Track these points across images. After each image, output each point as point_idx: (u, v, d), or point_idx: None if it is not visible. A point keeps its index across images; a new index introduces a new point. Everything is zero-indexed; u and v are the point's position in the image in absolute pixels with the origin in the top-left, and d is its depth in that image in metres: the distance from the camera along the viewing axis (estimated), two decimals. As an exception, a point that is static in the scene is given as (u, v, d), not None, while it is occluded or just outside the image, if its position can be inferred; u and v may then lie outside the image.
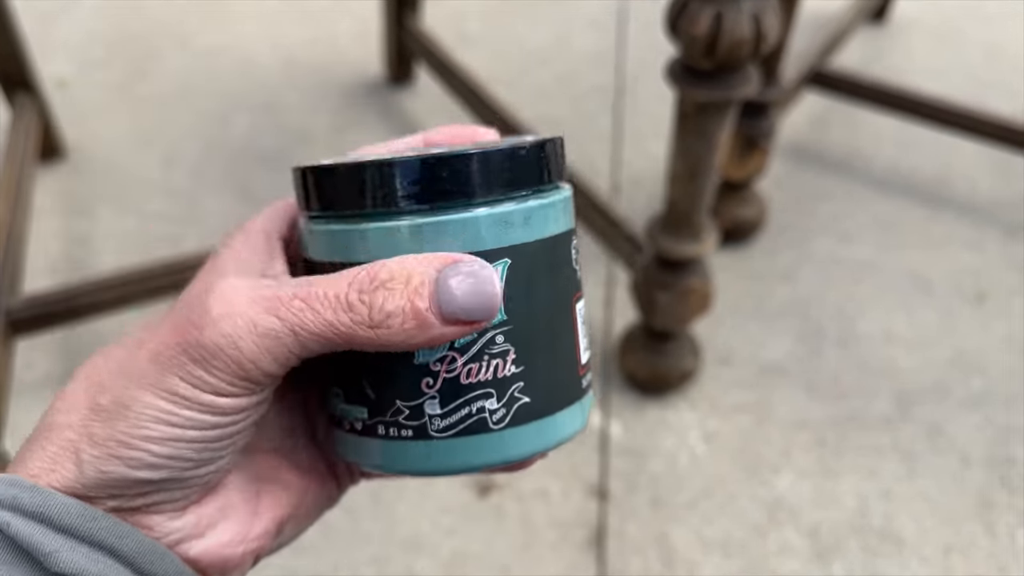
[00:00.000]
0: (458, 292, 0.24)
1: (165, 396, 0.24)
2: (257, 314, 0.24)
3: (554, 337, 0.28)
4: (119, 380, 0.25)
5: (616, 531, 0.81)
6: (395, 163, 0.25)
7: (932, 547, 0.80)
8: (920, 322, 1.00)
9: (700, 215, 0.76)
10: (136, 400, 0.24)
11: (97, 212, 1.13)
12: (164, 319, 0.26)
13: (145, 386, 0.25)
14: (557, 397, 0.28)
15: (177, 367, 0.24)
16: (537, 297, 0.27)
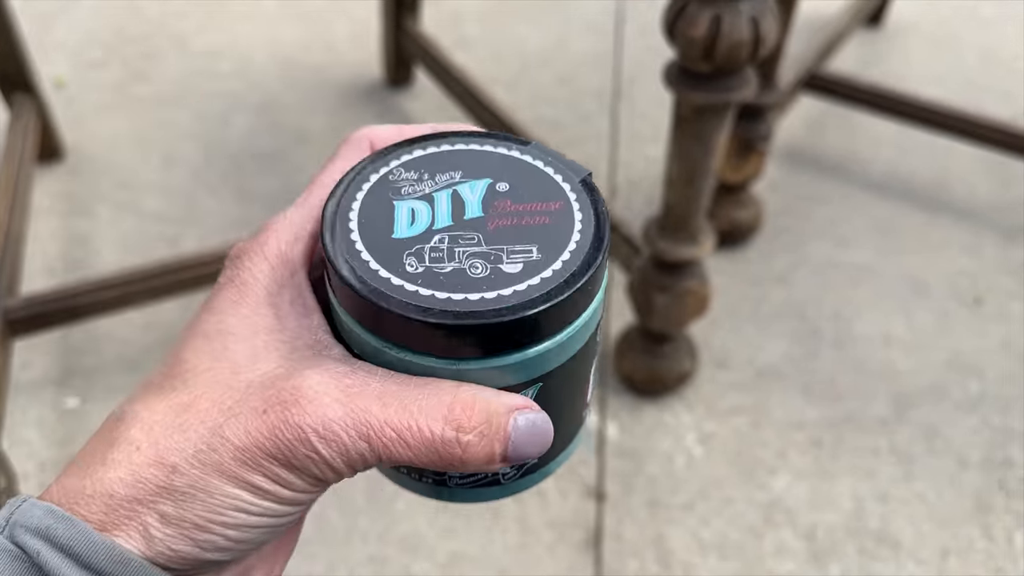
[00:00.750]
0: (523, 442, 0.26)
1: (247, 488, 0.25)
2: (351, 438, 0.25)
3: (570, 403, 0.30)
4: (196, 467, 0.25)
5: (613, 532, 0.81)
6: (473, 328, 0.25)
7: (929, 550, 0.80)
8: (917, 325, 1.00)
9: (698, 218, 0.76)
10: (218, 488, 0.25)
11: (95, 212, 1.13)
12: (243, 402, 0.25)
13: (228, 478, 0.25)
14: (562, 444, 0.30)
15: (265, 468, 0.25)
16: (565, 388, 0.29)
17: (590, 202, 0.28)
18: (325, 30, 1.46)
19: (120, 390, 0.92)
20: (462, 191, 0.28)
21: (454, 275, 0.26)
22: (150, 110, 1.29)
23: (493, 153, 0.30)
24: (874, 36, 1.46)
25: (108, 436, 0.26)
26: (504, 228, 0.27)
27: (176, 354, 0.27)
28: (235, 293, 0.28)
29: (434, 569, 0.78)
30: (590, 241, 0.27)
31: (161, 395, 0.26)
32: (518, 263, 0.26)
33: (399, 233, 0.27)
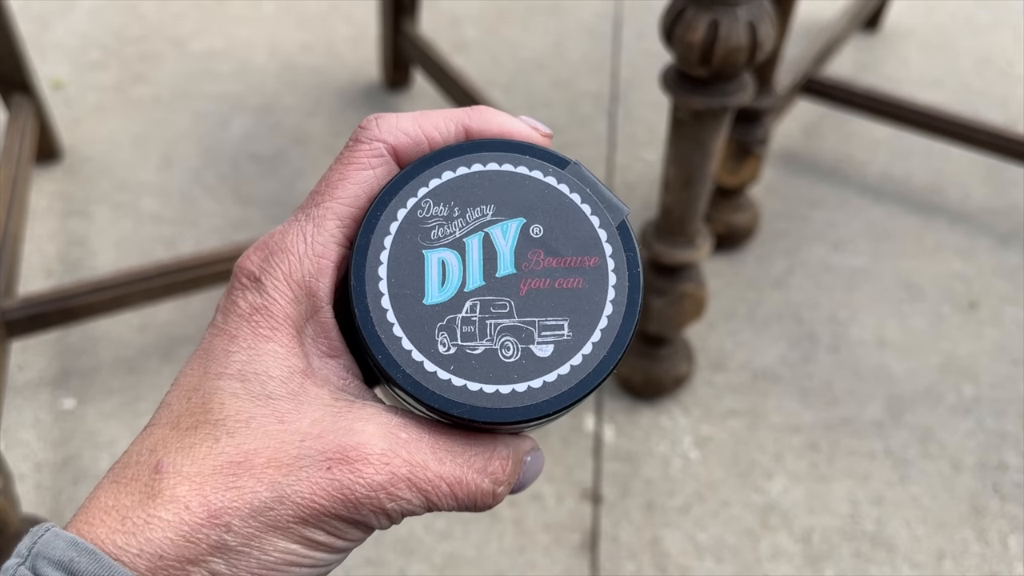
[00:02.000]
0: (528, 477, 0.29)
1: (303, 542, 0.25)
2: (413, 493, 0.26)
3: None
4: (252, 525, 0.24)
5: (609, 535, 0.81)
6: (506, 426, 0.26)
7: (924, 553, 0.80)
8: (912, 329, 1.01)
9: (695, 221, 0.76)
10: (272, 545, 0.25)
11: (93, 213, 1.13)
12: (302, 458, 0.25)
13: (285, 534, 0.25)
14: None
15: (326, 523, 0.25)
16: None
17: (628, 255, 0.27)
18: (324, 33, 1.46)
19: (116, 392, 0.92)
20: (494, 236, 0.27)
21: (486, 358, 0.26)
22: (148, 111, 1.29)
23: (528, 179, 0.28)
24: (870, 41, 1.47)
25: (147, 486, 0.25)
26: (536, 292, 0.27)
27: (205, 395, 0.26)
28: (265, 327, 0.26)
29: (430, 571, 0.78)
30: (623, 316, 0.27)
31: (203, 445, 0.25)
32: (549, 342, 0.26)
33: (430, 298, 0.27)
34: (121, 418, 0.90)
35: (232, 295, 0.27)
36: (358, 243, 0.27)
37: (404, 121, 0.28)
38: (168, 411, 0.26)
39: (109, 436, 0.88)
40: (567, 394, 0.26)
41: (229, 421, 0.25)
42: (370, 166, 0.28)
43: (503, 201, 0.27)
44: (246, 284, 0.27)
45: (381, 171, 0.28)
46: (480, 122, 0.28)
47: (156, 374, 0.94)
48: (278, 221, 1.13)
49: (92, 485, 0.83)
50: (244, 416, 0.25)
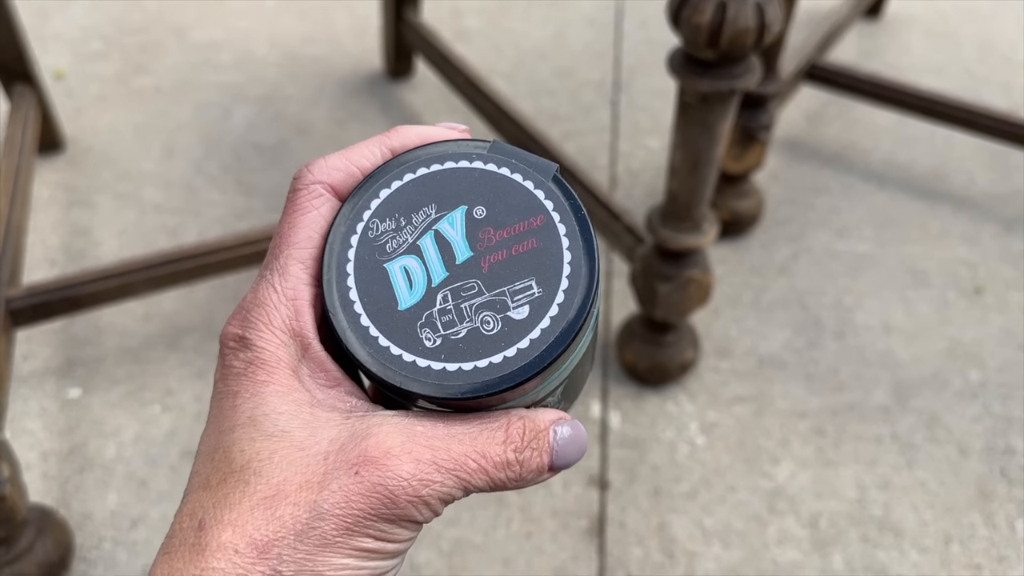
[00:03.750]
0: (565, 449, 0.29)
1: (354, 554, 0.26)
2: (444, 475, 0.26)
3: (585, 375, 0.33)
4: (301, 550, 0.25)
5: (616, 521, 0.81)
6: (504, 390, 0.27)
7: (932, 538, 0.80)
8: (917, 314, 1.01)
9: (701, 207, 0.76)
10: (326, 563, 0.25)
11: (96, 203, 1.13)
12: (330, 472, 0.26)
13: (334, 550, 0.25)
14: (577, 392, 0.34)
15: (370, 527, 0.26)
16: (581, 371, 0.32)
17: (567, 203, 0.28)
18: (326, 22, 1.46)
19: (121, 381, 0.92)
20: (443, 230, 0.29)
21: (471, 338, 0.27)
22: (150, 102, 1.29)
23: (457, 170, 0.29)
24: (874, 27, 1.46)
25: (195, 544, 0.25)
26: (497, 264, 0.28)
27: (225, 450, 0.27)
28: (261, 374, 0.27)
29: (438, 558, 0.78)
30: (582, 255, 0.28)
31: (236, 492, 0.26)
32: (523, 304, 0.28)
33: (403, 303, 0.28)
34: (127, 407, 0.89)
35: (224, 360, 0.28)
36: (324, 278, 0.28)
37: (333, 159, 0.30)
38: (197, 478, 0.27)
39: (115, 425, 0.88)
40: (555, 343, 0.27)
41: (253, 463, 0.26)
42: (313, 207, 0.29)
43: (441, 197, 0.29)
44: (234, 347, 0.28)
45: (325, 209, 0.29)
46: (401, 139, 0.30)
47: (161, 363, 0.94)
48: (280, 211, 1.12)
49: (99, 473, 0.83)
50: (265, 454, 0.26)
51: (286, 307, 0.28)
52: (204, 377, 0.93)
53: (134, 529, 0.80)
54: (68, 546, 0.77)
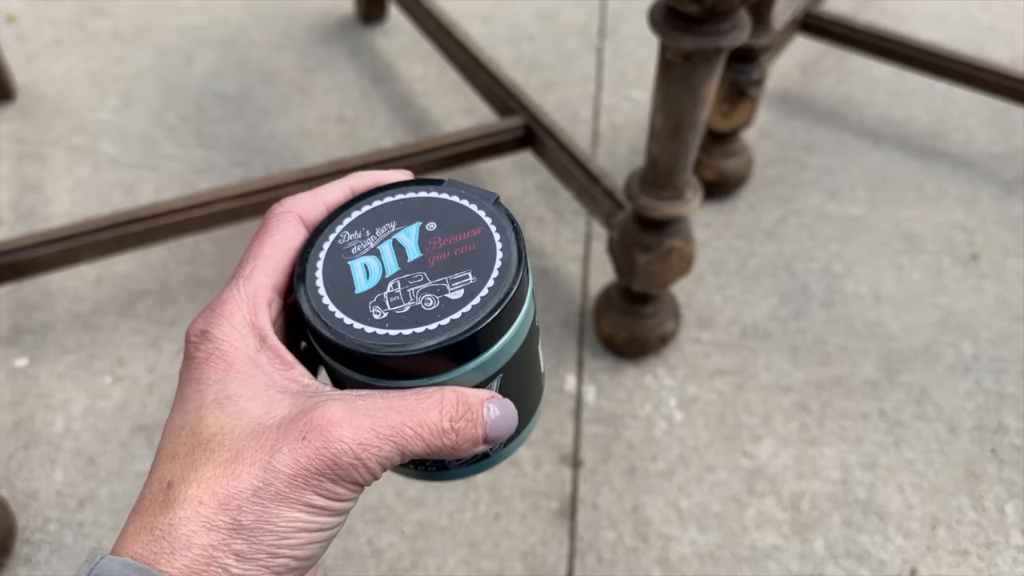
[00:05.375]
0: (497, 424, 0.33)
1: (304, 509, 0.29)
2: (382, 440, 0.30)
3: (528, 381, 0.37)
4: (258, 503, 0.29)
5: (589, 502, 0.78)
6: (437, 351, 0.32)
7: (918, 522, 0.77)
8: (910, 282, 0.96)
9: (684, 173, 0.70)
10: (280, 516, 0.29)
11: (48, 157, 1.07)
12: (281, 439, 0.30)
13: (287, 504, 0.29)
14: (529, 412, 0.38)
15: (316, 486, 0.29)
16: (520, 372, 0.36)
17: (505, 221, 0.34)
18: (294, -39, 1.38)
19: (71, 350, 0.87)
20: (400, 239, 0.35)
21: (413, 312, 0.32)
22: (107, 47, 1.22)
23: (416, 198, 0.36)
24: (873, -27, 1.39)
25: (164, 500, 0.29)
26: (441, 261, 0.34)
27: (191, 427, 0.31)
28: (222, 364, 0.32)
29: (401, 541, 0.75)
30: (513, 256, 0.34)
31: (202, 458, 0.30)
32: (460, 289, 0.33)
33: (360, 288, 0.33)
34: (75, 378, 0.85)
35: (188, 353, 0.33)
36: (298, 270, 0.34)
37: (303, 195, 0.36)
38: (164, 452, 0.31)
39: (63, 397, 0.83)
40: (487, 313, 0.32)
41: (217, 436, 0.30)
42: (281, 230, 0.34)
43: (401, 216, 0.35)
44: (196, 340, 0.32)
45: (291, 231, 0.35)
46: (360, 181, 0.36)
47: (113, 330, 0.89)
48: (243, 165, 1.06)
49: (45, 449, 0.79)
50: (228, 428, 0.30)
51: (247, 305, 0.33)
52: (157, 346, 0.88)
53: (81, 510, 0.75)
54: (10, 528, 0.73)
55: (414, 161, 0.87)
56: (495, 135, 0.90)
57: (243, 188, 0.84)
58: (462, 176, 1.06)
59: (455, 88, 1.17)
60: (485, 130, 0.90)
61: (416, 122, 1.13)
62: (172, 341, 0.88)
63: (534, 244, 0.99)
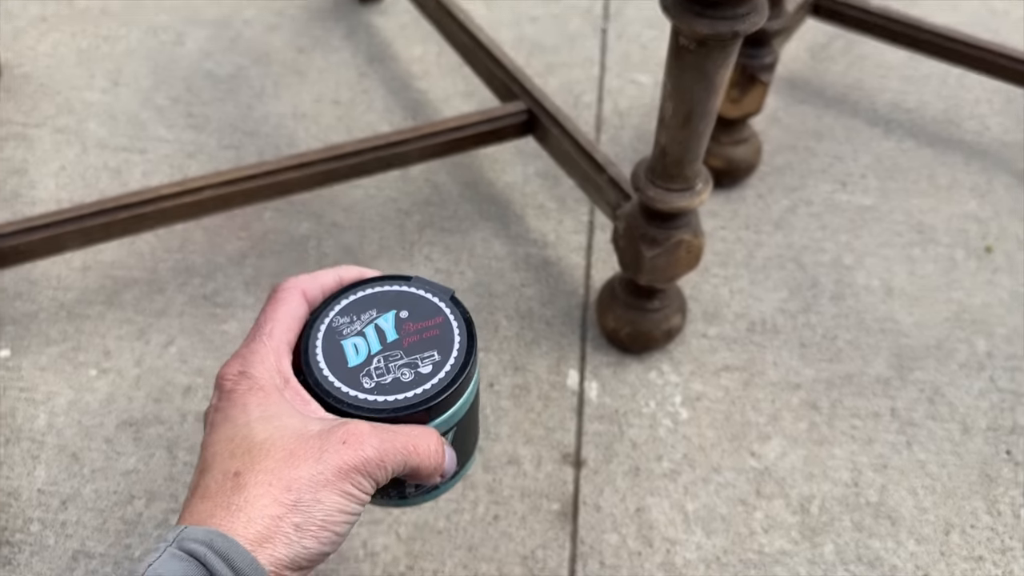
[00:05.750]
0: (450, 463, 0.47)
1: (343, 495, 0.40)
2: (396, 452, 0.42)
3: (471, 437, 0.52)
4: (312, 487, 0.39)
5: (592, 504, 0.75)
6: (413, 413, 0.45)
7: (931, 526, 0.74)
8: (922, 275, 0.93)
9: (695, 164, 0.67)
10: (327, 498, 0.39)
11: (33, 138, 1.03)
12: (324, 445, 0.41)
13: (332, 490, 0.40)
14: (465, 460, 0.52)
15: (352, 478, 0.40)
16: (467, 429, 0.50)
17: (460, 313, 0.48)
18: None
19: (55, 342, 0.84)
20: (380, 323, 0.47)
21: (394, 383, 0.45)
22: (96, 24, 1.18)
23: (391, 291, 0.49)
24: (885, -47, 1.35)
25: (234, 485, 0.39)
26: (413, 343, 0.46)
27: (244, 435, 0.41)
28: (262, 393, 0.43)
29: (396, 544, 0.72)
30: (467, 341, 0.47)
31: (261, 456, 0.40)
32: (428, 365, 0.46)
33: (352, 362, 0.46)
34: (59, 370, 0.82)
35: (228, 388, 0.43)
36: (301, 346, 0.46)
37: (304, 277, 0.48)
38: (219, 454, 0.41)
39: (46, 391, 0.80)
40: (447, 384, 0.45)
41: (269, 440, 0.40)
42: (289, 301, 0.46)
43: (380, 305, 0.48)
44: (236, 378, 0.43)
45: (296, 303, 0.47)
46: (350, 273, 0.50)
47: (99, 320, 0.86)
48: (234, 148, 1.03)
49: (27, 446, 0.76)
50: (277, 435, 0.40)
51: (273, 355, 0.44)
52: (144, 337, 0.85)
53: (64, 509, 0.73)
54: (-10, 528, 0.70)
55: (412, 147, 0.84)
56: (496, 120, 0.87)
57: (233, 174, 0.80)
58: (462, 161, 1.02)
59: (454, 70, 1.13)
60: (486, 115, 0.87)
61: (414, 105, 1.10)
62: (160, 332, 0.85)
63: (535, 234, 0.95)
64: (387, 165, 0.85)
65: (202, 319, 0.86)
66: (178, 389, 0.81)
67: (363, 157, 0.83)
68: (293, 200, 0.97)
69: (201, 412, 0.79)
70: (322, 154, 0.82)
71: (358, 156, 0.83)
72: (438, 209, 0.98)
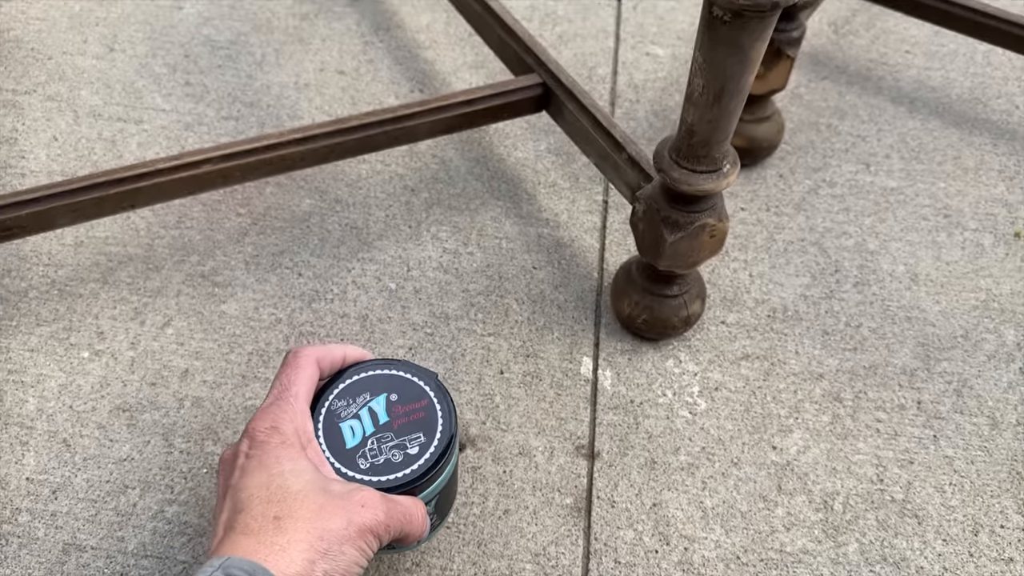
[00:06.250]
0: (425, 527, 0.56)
1: (359, 550, 0.48)
2: (397, 519, 0.51)
3: (447, 505, 0.63)
4: (338, 541, 0.47)
5: (606, 498, 0.72)
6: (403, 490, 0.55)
7: (958, 525, 0.71)
8: (949, 261, 0.90)
9: (723, 144, 0.63)
10: (349, 552, 0.47)
11: (23, 107, 0.99)
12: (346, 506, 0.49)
13: (352, 545, 0.47)
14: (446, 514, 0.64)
15: (366, 537, 0.48)
16: (444, 500, 0.60)
17: (442, 395, 0.57)
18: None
19: (45, 322, 0.80)
20: (373, 406, 0.56)
21: (386, 463, 0.54)
22: (87, -14, 1.13)
23: (382, 375, 0.57)
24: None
25: (275, 527, 0.46)
26: (402, 424, 0.56)
27: (278, 484, 0.48)
28: (292, 450, 0.50)
29: (403, 538, 0.69)
30: (450, 423, 0.56)
31: (297, 506, 0.47)
32: (416, 446, 0.55)
33: (349, 444, 0.55)
34: (50, 352, 0.78)
35: (260, 439, 0.51)
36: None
37: (320, 349, 0.56)
38: (257, 497, 0.48)
39: (36, 374, 0.77)
40: (432, 464, 0.55)
41: (302, 493, 0.48)
42: (307, 367, 0.55)
43: (373, 389, 0.57)
44: (268, 432, 0.51)
45: (312, 369, 0.55)
46: (354, 353, 0.59)
47: (92, 299, 0.82)
48: (235, 120, 0.99)
49: (16, 432, 0.72)
50: (307, 489, 0.48)
51: (299, 417, 0.53)
52: (140, 318, 0.81)
53: (55, 499, 0.69)
54: (-22, 517, 0.67)
55: (421, 122, 0.80)
56: (508, 94, 0.83)
57: (234, 148, 0.76)
58: (471, 136, 0.98)
59: (463, 40, 1.09)
60: (498, 89, 0.83)
61: (421, 76, 1.05)
62: (156, 312, 0.81)
63: (547, 213, 0.92)
64: (395, 140, 0.81)
65: (200, 299, 0.83)
66: (175, 373, 0.78)
67: (370, 132, 0.79)
68: (295, 175, 0.93)
69: (199, 397, 0.76)
70: (327, 128, 0.78)
71: (365, 131, 0.79)
72: (446, 186, 0.94)
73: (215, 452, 0.73)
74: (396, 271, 0.86)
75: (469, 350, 0.80)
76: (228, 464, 0.51)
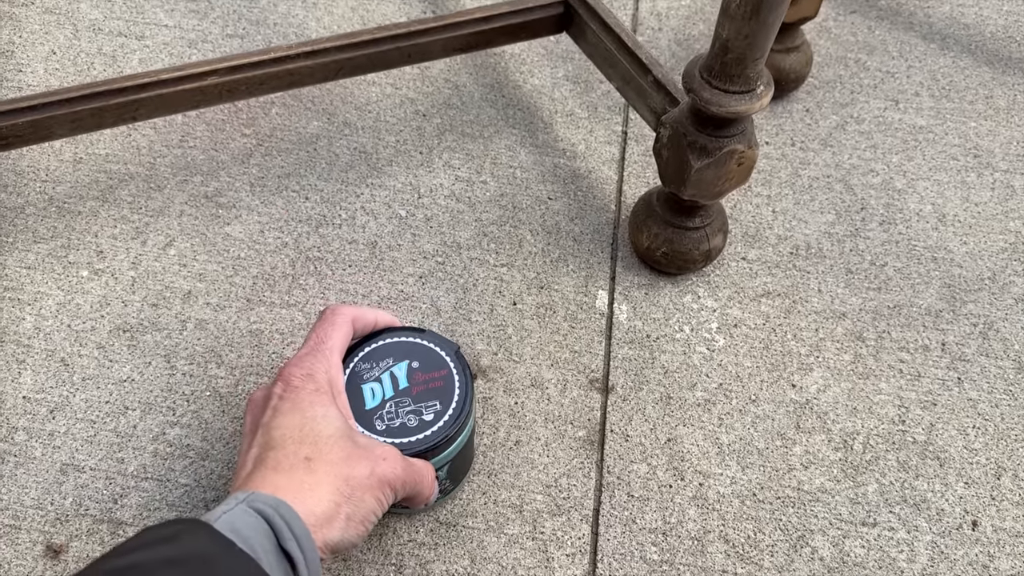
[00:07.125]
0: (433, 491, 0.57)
1: (376, 501, 0.50)
2: (412, 477, 0.53)
3: (463, 469, 0.64)
4: (361, 488, 0.49)
5: (620, 432, 0.70)
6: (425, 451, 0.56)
7: (980, 468, 0.69)
8: (977, 202, 0.87)
9: (759, 63, 0.60)
10: (369, 500, 0.49)
11: (20, 19, 0.95)
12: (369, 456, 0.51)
13: (372, 495, 0.49)
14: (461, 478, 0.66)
15: (384, 490, 0.50)
16: (459, 465, 0.62)
17: (461, 367, 0.58)
18: None
19: (43, 239, 0.77)
20: (395, 371, 0.58)
21: (401, 427, 0.56)
22: None
23: (406, 342, 0.59)
24: None
25: (306, 467, 0.48)
26: (421, 391, 0.57)
27: (311, 427, 0.50)
28: (325, 398, 0.52)
29: (411, 467, 0.67)
30: (466, 392, 0.57)
31: (326, 449, 0.49)
32: (431, 413, 0.56)
33: (368, 405, 0.56)
34: (48, 270, 0.76)
35: (295, 384, 0.52)
36: None
37: (356, 309, 0.58)
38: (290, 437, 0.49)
39: (34, 291, 0.74)
40: (445, 431, 0.56)
41: (332, 438, 0.50)
42: (343, 325, 0.57)
43: (396, 354, 0.59)
44: (304, 378, 0.53)
45: (348, 330, 0.57)
46: (383, 318, 0.60)
47: (92, 217, 0.79)
48: (240, 38, 0.95)
49: (13, 350, 0.70)
50: (336, 435, 0.50)
51: (334, 368, 0.55)
52: (142, 237, 0.78)
53: (52, 419, 0.67)
54: (-26, 435, 0.65)
55: (435, 39, 0.76)
56: (528, 12, 0.79)
57: (240, 59, 0.73)
58: (486, 61, 0.94)
59: (479, -38, 1.04)
60: (516, 6, 0.79)
61: (434, -2, 1.01)
62: (158, 232, 0.79)
63: (564, 143, 0.88)
64: (407, 57, 0.77)
65: (204, 220, 0.80)
66: (177, 294, 0.75)
67: (381, 47, 0.76)
68: (302, 96, 0.90)
69: (203, 320, 0.74)
70: (336, 42, 0.74)
71: (375, 46, 0.75)
72: (459, 112, 0.90)
73: (219, 375, 0.70)
74: (407, 198, 0.83)
75: (481, 280, 0.78)
76: (259, 404, 0.52)
